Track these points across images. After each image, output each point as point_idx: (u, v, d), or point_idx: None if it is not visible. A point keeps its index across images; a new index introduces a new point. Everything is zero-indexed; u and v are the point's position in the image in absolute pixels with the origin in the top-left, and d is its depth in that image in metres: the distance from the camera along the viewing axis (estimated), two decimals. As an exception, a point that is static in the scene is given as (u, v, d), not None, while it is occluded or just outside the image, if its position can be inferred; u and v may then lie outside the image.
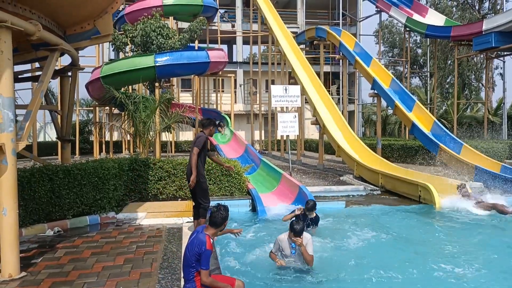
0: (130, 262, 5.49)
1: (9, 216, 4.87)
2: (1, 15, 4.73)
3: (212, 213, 4.59)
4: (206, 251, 4.27)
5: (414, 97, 16.64)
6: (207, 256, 4.27)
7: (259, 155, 13.45)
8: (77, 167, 7.70)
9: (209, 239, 4.38)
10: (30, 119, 5.43)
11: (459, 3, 42.88)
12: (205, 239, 4.35)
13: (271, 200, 10.13)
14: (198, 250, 4.29)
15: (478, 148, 14.46)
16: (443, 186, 10.67)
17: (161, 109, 13.26)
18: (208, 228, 4.52)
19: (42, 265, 5.41)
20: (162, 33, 16.64)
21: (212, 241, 4.46)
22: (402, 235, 7.66)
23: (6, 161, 4.83)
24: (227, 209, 4.70)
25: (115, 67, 15.41)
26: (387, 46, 49.84)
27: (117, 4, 7.62)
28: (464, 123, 30.00)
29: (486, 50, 19.99)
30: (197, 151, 6.83)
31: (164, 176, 9.90)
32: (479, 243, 7.19)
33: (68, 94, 8.54)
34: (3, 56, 4.76)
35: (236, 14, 34.08)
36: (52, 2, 6.18)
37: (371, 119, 37.99)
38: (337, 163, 18.95)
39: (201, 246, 4.29)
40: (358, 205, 10.30)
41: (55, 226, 7.25)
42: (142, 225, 7.74)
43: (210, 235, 4.44)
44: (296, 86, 13.97)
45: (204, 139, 7.00)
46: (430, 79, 34.28)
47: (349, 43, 19.69)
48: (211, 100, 30.08)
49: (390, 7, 27.02)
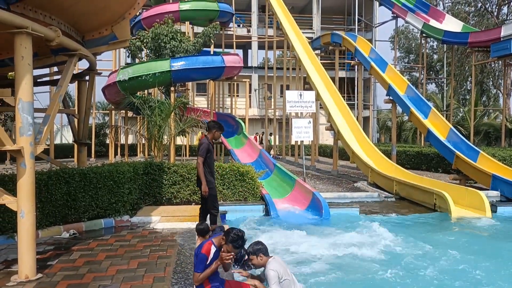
0: (143, 266, 5.52)
1: (27, 218, 4.94)
2: (22, 21, 4.83)
3: (237, 233, 4.38)
4: (200, 255, 4.35)
5: (430, 104, 16.51)
6: (200, 259, 4.34)
7: (273, 160, 13.45)
8: (93, 170, 7.80)
9: (209, 244, 4.41)
10: (48, 123, 5.52)
11: (476, 9, 42.44)
12: (204, 244, 4.43)
13: (284, 205, 10.12)
14: (196, 253, 4.43)
15: (496, 156, 14.26)
16: (459, 195, 10.56)
17: (176, 113, 13.35)
18: (220, 239, 4.46)
19: (58, 267, 5.48)
20: (175, 37, 16.78)
21: (215, 249, 4.43)
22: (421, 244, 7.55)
23: (25, 164, 4.91)
24: (244, 242, 4.47)
25: (132, 71, 15.56)
26: (403, 52, 49.54)
27: (134, 10, 7.71)
28: (482, 131, 29.61)
29: (504, 56, 19.73)
30: (201, 160, 6.81)
31: (179, 180, 9.96)
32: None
33: (85, 98, 8.65)
34: (24, 62, 4.85)
35: (252, 19, 34.24)
36: (72, 9, 6.29)
37: (386, 125, 37.74)
38: (351, 169, 18.85)
39: (199, 249, 4.41)
40: (373, 214, 10.22)
41: (71, 228, 7.35)
42: (156, 229, 7.79)
43: (215, 241, 4.45)
44: (311, 92, 13.96)
45: (207, 146, 6.91)
46: (446, 85, 33.96)
47: (364, 49, 19.62)
48: (226, 105, 30.19)
49: (406, 13, 26.85)
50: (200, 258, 4.34)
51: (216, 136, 7.09)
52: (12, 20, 4.70)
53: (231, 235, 4.30)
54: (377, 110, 36.73)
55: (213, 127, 7.06)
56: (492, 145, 28.43)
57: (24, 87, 4.85)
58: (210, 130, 7.06)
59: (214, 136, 7.07)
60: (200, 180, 6.77)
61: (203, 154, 6.82)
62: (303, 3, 37.36)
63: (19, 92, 4.85)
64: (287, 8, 23.98)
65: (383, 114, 38.13)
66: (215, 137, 7.09)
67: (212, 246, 4.42)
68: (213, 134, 7.04)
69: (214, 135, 7.05)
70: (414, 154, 19.13)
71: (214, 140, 7.22)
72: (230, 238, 4.29)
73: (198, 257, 4.35)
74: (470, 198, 10.38)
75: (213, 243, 4.44)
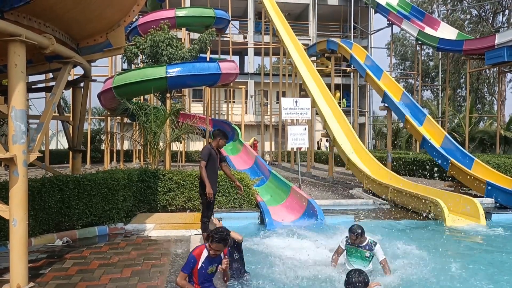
0: (137, 274, 5.50)
1: (19, 227, 4.91)
2: (15, 29, 4.82)
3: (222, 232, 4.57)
4: (190, 255, 4.51)
5: (425, 111, 16.56)
6: (188, 259, 4.50)
7: (268, 167, 13.45)
8: (87, 177, 7.77)
9: (202, 247, 4.55)
10: (42, 131, 5.50)
11: (472, 17, 42.75)
12: (198, 247, 4.61)
13: (279, 213, 10.10)
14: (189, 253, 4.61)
15: (490, 163, 14.30)
16: (454, 202, 10.58)
17: (172, 119, 13.36)
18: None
19: (50, 275, 5.44)
20: (171, 44, 16.82)
21: (208, 253, 4.52)
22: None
23: (18, 172, 4.89)
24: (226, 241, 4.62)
25: (127, 77, 15.56)
26: (399, 59, 49.78)
27: (129, 17, 7.72)
28: (476, 138, 29.73)
29: (499, 64, 19.85)
30: (204, 164, 6.83)
31: (173, 187, 9.93)
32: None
33: (80, 105, 8.63)
34: (17, 69, 4.84)
35: (248, 26, 34.35)
36: (66, 17, 6.29)
37: (382, 131, 37.86)
38: (347, 175, 18.86)
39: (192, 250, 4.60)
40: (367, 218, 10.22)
41: (64, 236, 7.31)
42: (150, 236, 7.75)
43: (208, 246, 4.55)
44: (306, 99, 13.97)
45: (208, 150, 6.93)
46: (441, 92, 34.12)
47: (360, 56, 19.69)
48: (222, 111, 30.22)
49: (401, 20, 27.01)
50: (188, 259, 4.47)
51: (220, 144, 7.14)
52: (6, 28, 4.69)
53: (212, 234, 4.53)
54: (373, 116, 36.85)
55: (218, 135, 7.13)
56: (487, 152, 28.51)
57: (17, 95, 4.84)
58: (215, 138, 7.13)
59: (218, 144, 7.12)
60: (204, 183, 6.77)
61: (205, 158, 6.86)
62: (299, 10, 37.54)
63: (12, 100, 4.83)
64: (283, 15, 24.08)
65: (378, 121, 38.23)
66: (219, 145, 7.14)
67: (205, 250, 4.47)
68: (217, 142, 7.10)
69: (218, 143, 7.11)
70: (410, 161, 19.18)
71: (218, 148, 7.22)
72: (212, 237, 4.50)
73: (188, 256, 4.49)
74: (465, 205, 10.39)
75: (206, 247, 4.48)
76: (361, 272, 4.13)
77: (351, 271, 4.17)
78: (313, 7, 35.37)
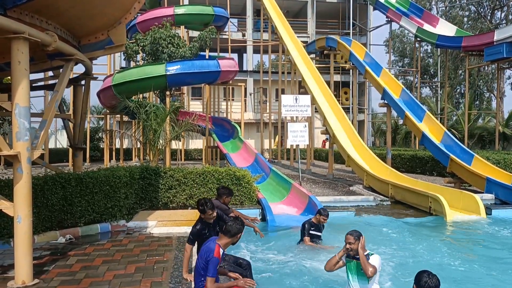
0: (141, 270, 5.52)
1: (24, 223, 4.93)
2: (18, 26, 4.83)
3: (228, 222, 4.65)
4: (213, 259, 4.34)
5: (424, 107, 16.59)
6: (214, 263, 4.34)
7: (269, 164, 13.47)
8: (89, 175, 7.79)
9: (218, 248, 4.44)
10: (45, 128, 5.52)
11: (470, 13, 42.78)
12: (214, 247, 4.42)
13: (281, 209, 10.13)
14: (206, 258, 4.40)
15: (490, 159, 14.34)
16: (454, 198, 10.62)
17: (171, 117, 13.36)
18: (221, 238, 4.57)
19: (55, 272, 5.46)
20: (172, 42, 16.79)
21: (223, 251, 4.50)
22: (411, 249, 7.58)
23: (22, 169, 4.91)
24: (243, 223, 4.75)
25: (127, 75, 15.54)
26: (398, 56, 49.76)
27: (130, 15, 7.71)
28: (475, 134, 29.78)
29: (498, 60, 19.87)
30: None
31: (175, 184, 9.95)
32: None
33: (81, 103, 8.64)
34: (20, 67, 4.85)
35: (247, 23, 34.31)
36: (68, 14, 6.29)
37: (381, 128, 37.88)
38: (347, 172, 18.89)
39: (209, 253, 4.39)
40: (367, 214, 10.26)
41: (67, 233, 7.33)
42: (152, 233, 7.78)
43: (221, 244, 4.48)
44: (306, 96, 13.99)
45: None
46: (440, 89, 34.15)
47: (359, 53, 19.69)
48: (221, 109, 30.23)
49: (400, 17, 27.01)
50: (214, 262, 4.34)
51: (226, 201, 6.83)
52: (9, 25, 4.71)
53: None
54: (372, 113, 36.88)
55: (223, 193, 6.83)
56: (486, 148, 28.59)
57: (21, 92, 4.85)
58: (220, 196, 6.83)
59: (224, 202, 6.79)
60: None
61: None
62: (298, 7, 37.48)
63: (16, 97, 4.85)
64: (282, 12, 24.05)
65: (378, 118, 38.26)
66: (225, 202, 6.82)
67: (221, 249, 4.46)
68: (223, 200, 6.79)
69: (224, 200, 6.80)
70: (409, 157, 19.22)
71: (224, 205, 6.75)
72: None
73: (211, 261, 4.33)
74: (465, 201, 10.44)
75: (220, 246, 4.48)
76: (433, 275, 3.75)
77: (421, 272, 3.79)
78: (312, 4, 35.32)
